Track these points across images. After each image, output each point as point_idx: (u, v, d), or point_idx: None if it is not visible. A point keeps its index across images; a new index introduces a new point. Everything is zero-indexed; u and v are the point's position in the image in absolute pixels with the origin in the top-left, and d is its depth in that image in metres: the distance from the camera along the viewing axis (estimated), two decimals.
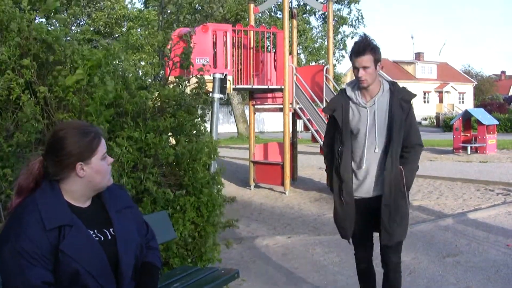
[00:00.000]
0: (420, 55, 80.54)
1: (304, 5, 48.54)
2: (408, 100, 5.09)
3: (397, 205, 5.03)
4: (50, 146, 2.98)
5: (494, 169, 19.19)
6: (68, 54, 5.43)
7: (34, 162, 3.01)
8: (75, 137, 2.96)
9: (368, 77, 4.94)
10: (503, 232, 9.60)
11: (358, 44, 4.98)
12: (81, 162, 2.95)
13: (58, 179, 2.98)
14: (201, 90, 6.42)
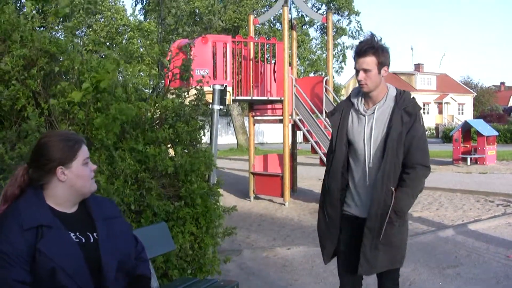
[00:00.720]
0: (419, 66, 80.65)
1: (303, 17, 48.66)
2: (411, 113, 4.48)
3: (382, 230, 4.42)
4: (33, 152, 3.10)
5: (494, 180, 19.19)
6: (76, 67, 5.44)
7: (18, 170, 3.10)
8: (57, 143, 3.06)
9: (369, 82, 4.46)
10: (504, 243, 9.58)
11: (361, 44, 4.54)
12: (61, 166, 3.03)
13: (41, 185, 3.06)
14: (201, 102, 6.42)
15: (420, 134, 4.56)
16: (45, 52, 5.48)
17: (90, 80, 5.26)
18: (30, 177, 3.08)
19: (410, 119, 4.47)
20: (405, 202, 4.48)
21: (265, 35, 43.11)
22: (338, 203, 4.67)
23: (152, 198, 5.40)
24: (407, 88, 27.71)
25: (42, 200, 3.04)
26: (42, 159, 3.02)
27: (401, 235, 4.60)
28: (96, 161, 5.19)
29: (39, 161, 3.03)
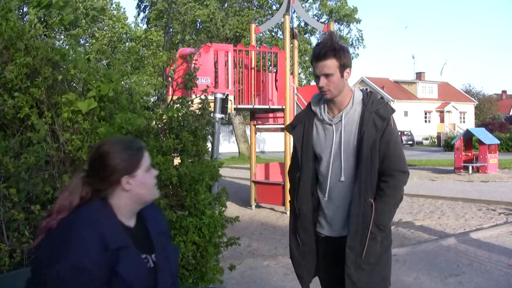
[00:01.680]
0: (421, 75, 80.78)
1: (305, 25, 48.77)
2: (384, 116, 4.00)
3: (365, 247, 3.97)
4: (94, 162, 2.92)
5: (496, 189, 19.18)
6: (83, 77, 5.46)
7: (76, 180, 2.94)
8: (119, 151, 2.92)
9: (332, 87, 3.99)
10: (506, 251, 9.57)
11: (318, 46, 4.04)
12: (126, 176, 2.90)
13: (105, 195, 2.92)
14: (205, 111, 6.44)
15: (395, 138, 4.08)
16: (48, 60, 5.50)
17: (95, 89, 5.27)
18: (92, 188, 2.92)
19: (383, 123, 3.99)
20: (386, 214, 4.04)
21: (266, 44, 43.20)
22: (312, 227, 4.19)
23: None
24: (408, 97, 28.01)
25: (113, 214, 2.91)
26: (106, 169, 2.87)
27: (386, 252, 4.15)
28: None
29: (103, 172, 2.87)
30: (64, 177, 5.06)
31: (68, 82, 5.57)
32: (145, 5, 56.50)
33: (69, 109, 5.17)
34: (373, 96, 4.14)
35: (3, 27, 5.37)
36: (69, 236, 2.72)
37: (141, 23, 54.78)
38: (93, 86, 5.31)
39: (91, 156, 2.97)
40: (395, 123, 4.12)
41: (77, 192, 2.90)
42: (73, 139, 5.20)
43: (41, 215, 4.83)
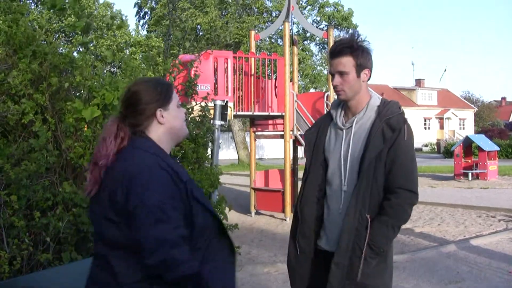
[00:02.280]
0: (420, 82, 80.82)
1: (304, 32, 48.83)
2: (394, 127, 3.68)
3: (355, 268, 3.63)
4: (128, 100, 2.99)
5: (496, 195, 19.18)
6: (88, 84, 5.47)
7: (111, 124, 2.95)
8: (151, 86, 3.01)
9: (346, 87, 3.75)
10: (505, 258, 9.57)
11: (336, 43, 3.87)
12: (160, 108, 2.98)
13: (142, 130, 2.97)
14: (205, 118, 6.44)
15: (405, 152, 3.71)
16: (55, 67, 5.51)
17: (100, 97, 5.28)
18: (130, 127, 2.95)
19: (393, 134, 3.67)
20: (382, 235, 3.65)
21: (266, 51, 43.27)
22: (312, 235, 3.91)
23: None
24: (408, 103, 27.96)
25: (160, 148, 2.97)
26: (141, 103, 2.94)
27: (380, 278, 3.75)
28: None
29: (137, 108, 2.95)
30: (65, 184, 5.07)
31: (74, 88, 5.59)
32: (145, 12, 56.65)
33: (72, 116, 5.18)
34: (391, 105, 3.83)
35: (13, 31, 5.39)
36: (147, 172, 2.75)
37: (141, 29, 54.85)
38: (98, 94, 5.32)
39: (125, 96, 3.01)
40: (410, 136, 3.74)
41: (113, 137, 2.90)
42: (75, 146, 5.20)
43: (41, 222, 4.84)
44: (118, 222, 2.73)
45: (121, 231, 2.73)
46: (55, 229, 4.91)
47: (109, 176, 2.81)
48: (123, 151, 2.87)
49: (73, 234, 4.99)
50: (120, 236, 2.74)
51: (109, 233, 2.78)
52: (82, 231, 4.98)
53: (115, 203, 2.73)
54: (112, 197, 2.74)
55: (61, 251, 5.01)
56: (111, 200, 2.74)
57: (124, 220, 2.71)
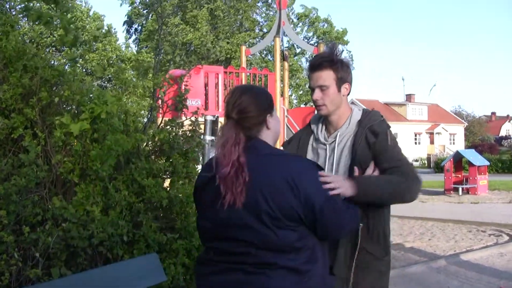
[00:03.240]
0: (411, 97, 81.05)
1: (295, 47, 49.05)
2: (377, 131, 3.61)
3: (351, 276, 3.55)
4: (242, 108, 3.00)
5: (486, 210, 19.20)
6: (77, 98, 5.46)
7: (230, 132, 2.97)
8: (261, 93, 3.15)
9: (327, 101, 3.64)
10: (496, 273, 9.58)
11: (315, 57, 3.80)
12: (269, 114, 3.09)
13: (255, 135, 3.03)
14: (195, 133, 6.44)
15: (396, 153, 3.62)
16: (46, 81, 5.51)
17: (89, 111, 5.27)
18: (244, 131, 2.99)
19: (376, 139, 3.59)
20: (370, 186, 3.43)
21: (257, 65, 43.45)
22: None
23: (148, 229, 5.39)
24: (398, 119, 28.13)
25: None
26: (257, 108, 3.02)
27: (380, 280, 3.75)
28: (91, 193, 5.19)
29: (255, 111, 3.01)
30: (54, 199, 5.05)
31: (63, 103, 5.58)
32: (135, 28, 56.83)
33: (61, 130, 5.17)
34: (372, 114, 3.76)
35: (3, 43, 5.38)
36: (311, 174, 2.94)
37: (132, 44, 54.95)
38: (86, 108, 5.31)
39: (238, 102, 3.02)
40: (393, 140, 3.67)
41: (241, 142, 2.94)
42: (65, 161, 5.19)
43: (30, 237, 4.81)
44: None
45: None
46: (45, 245, 4.88)
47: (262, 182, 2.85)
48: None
49: (63, 250, 4.96)
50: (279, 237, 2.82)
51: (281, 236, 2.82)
52: (71, 246, 4.96)
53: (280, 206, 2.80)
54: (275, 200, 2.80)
55: (51, 267, 4.98)
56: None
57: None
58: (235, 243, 2.86)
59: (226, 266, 2.88)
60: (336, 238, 3.08)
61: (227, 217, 2.86)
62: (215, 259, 2.94)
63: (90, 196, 5.17)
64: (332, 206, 2.89)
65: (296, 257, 2.82)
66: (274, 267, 2.79)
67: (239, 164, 2.85)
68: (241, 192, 2.81)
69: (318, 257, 2.91)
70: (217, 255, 2.94)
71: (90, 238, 4.95)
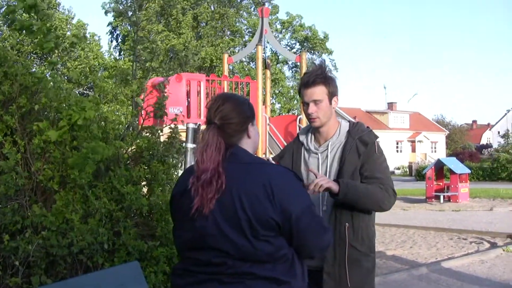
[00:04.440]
0: (392, 105, 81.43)
1: (277, 55, 49.10)
2: (367, 142, 3.99)
3: (342, 276, 3.89)
4: (229, 111, 3.01)
5: (467, 218, 19.29)
6: (54, 105, 5.43)
7: (210, 134, 2.96)
8: (244, 101, 3.16)
9: (321, 114, 3.99)
10: (477, 281, 9.62)
11: (308, 74, 4.05)
12: (250, 123, 3.10)
13: (235, 143, 3.02)
14: (175, 140, 6.42)
15: (380, 164, 4.01)
16: (26, 88, 5.48)
17: (67, 118, 5.24)
18: (225, 139, 2.97)
19: (366, 149, 3.96)
20: (350, 189, 3.79)
21: (239, 73, 43.50)
22: None
23: (128, 237, 5.36)
24: (380, 127, 28.31)
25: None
26: (240, 116, 3.02)
27: (368, 276, 4.06)
28: (71, 200, 5.16)
29: (238, 119, 3.01)
30: (34, 207, 5.02)
31: (42, 110, 5.55)
32: (117, 34, 56.72)
33: (40, 137, 5.14)
34: (359, 125, 4.15)
35: None
36: (290, 183, 2.94)
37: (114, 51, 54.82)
38: (63, 115, 5.29)
39: (221, 108, 3.02)
40: (380, 150, 4.06)
41: (220, 147, 2.93)
42: (45, 168, 5.16)
43: (10, 245, 4.78)
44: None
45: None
46: (25, 253, 4.85)
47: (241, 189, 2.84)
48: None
49: (43, 258, 4.93)
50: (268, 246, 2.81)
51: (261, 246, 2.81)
52: (51, 254, 4.93)
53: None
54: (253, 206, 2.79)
55: (31, 275, 4.95)
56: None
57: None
58: (212, 253, 2.83)
59: (203, 277, 2.87)
60: (312, 253, 3.02)
61: (204, 226, 2.84)
62: (192, 270, 2.92)
63: (70, 204, 5.14)
64: (309, 216, 2.88)
65: (274, 267, 2.80)
66: (253, 277, 2.78)
67: (216, 170, 2.84)
68: (211, 199, 2.80)
69: (297, 269, 2.89)
70: (194, 265, 2.92)
71: (69, 246, 4.92)
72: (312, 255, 3.04)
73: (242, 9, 55.33)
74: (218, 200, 2.81)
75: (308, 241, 2.90)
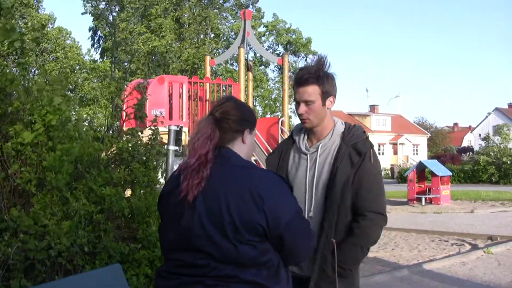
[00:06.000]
0: (374, 108, 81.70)
1: (260, 57, 49.05)
2: (361, 151, 3.72)
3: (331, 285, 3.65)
4: (226, 109, 3.00)
5: (448, 220, 19.38)
6: (27, 107, 5.38)
7: (207, 126, 2.95)
8: (245, 106, 3.14)
9: (312, 115, 3.75)
10: (458, 282, 9.65)
11: (301, 71, 3.80)
12: (248, 128, 3.06)
13: (227, 143, 3.00)
14: (155, 142, 6.39)
15: (372, 175, 3.76)
16: (0, 89, 5.43)
17: (41, 119, 5.19)
18: (220, 135, 2.95)
19: (359, 158, 3.71)
20: (351, 256, 3.68)
21: (222, 76, 43.47)
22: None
23: (109, 240, 5.32)
24: None
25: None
26: (240, 117, 3.01)
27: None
28: (48, 203, 5.11)
29: (237, 117, 2.99)
30: (12, 210, 4.97)
31: (17, 113, 5.50)
32: (100, 36, 56.47)
33: (16, 140, 5.10)
34: (355, 130, 3.88)
35: None
36: (279, 188, 2.89)
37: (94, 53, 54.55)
38: (38, 117, 5.24)
39: (224, 104, 3.02)
40: (376, 159, 3.82)
41: (213, 139, 2.92)
42: (22, 171, 5.11)
43: None
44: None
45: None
46: (4, 256, 4.80)
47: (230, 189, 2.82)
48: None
49: (22, 261, 4.89)
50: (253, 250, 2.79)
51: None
52: (30, 257, 4.88)
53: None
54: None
55: (10, 279, 4.90)
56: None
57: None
58: (197, 255, 2.80)
59: (187, 279, 2.83)
60: (299, 258, 2.97)
61: (189, 226, 2.81)
62: (176, 272, 2.88)
63: (48, 207, 5.10)
64: (298, 221, 2.87)
65: (259, 272, 2.78)
66: (236, 281, 2.75)
67: (205, 158, 2.83)
68: (197, 186, 2.79)
69: (282, 276, 2.87)
70: (178, 267, 2.88)
71: (48, 249, 4.87)
72: (299, 260, 3.00)
73: (225, 11, 55.31)
74: (206, 201, 2.79)
75: (298, 246, 2.89)
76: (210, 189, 2.80)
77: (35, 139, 5.14)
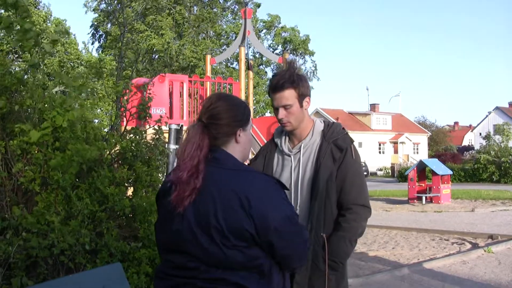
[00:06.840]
0: (375, 106, 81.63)
1: (260, 57, 49.01)
2: (342, 147, 3.86)
3: (313, 287, 3.76)
4: (218, 111, 2.96)
5: (449, 219, 19.37)
6: (39, 106, 5.38)
7: (195, 131, 2.91)
8: (239, 104, 3.07)
9: (292, 119, 3.87)
10: (459, 281, 9.65)
11: (276, 77, 3.89)
12: (241, 128, 3.01)
13: (219, 145, 2.96)
14: (158, 141, 6.40)
15: (354, 169, 3.89)
16: (5, 88, 5.43)
17: (51, 120, 5.20)
18: (209, 139, 2.92)
19: (341, 154, 3.84)
20: (341, 249, 3.79)
21: (222, 75, 43.44)
22: None
23: (110, 238, 5.33)
24: (363, 128, 28.17)
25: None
26: (229, 118, 2.95)
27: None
28: (52, 202, 5.12)
29: (226, 120, 2.94)
30: (14, 208, 4.98)
31: (24, 111, 5.50)
32: (100, 34, 56.45)
33: (22, 138, 5.10)
34: (334, 127, 4.01)
35: None
36: (269, 192, 2.84)
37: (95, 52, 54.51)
38: (48, 117, 5.24)
39: (212, 106, 2.97)
40: (356, 154, 3.94)
41: (203, 146, 2.88)
42: (26, 170, 5.12)
43: None
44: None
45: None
46: (5, 254, 4.81)
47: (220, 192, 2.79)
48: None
49: (23, 259, 4.89)
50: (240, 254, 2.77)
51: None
52: (32, 256, 4.89)
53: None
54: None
55: (11, 277, 4.91)
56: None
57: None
58: (188, 257, 2.81)
59: (179, 280, 2.84)
60: (293, 264, 2.93)
61: (179, 229, 2.81)
62: (169, 273, 2.90)
63: (52, 206, 5.10)
64: (290, 227, 2.83)
65: (248, 276, 2.77)
66: (225, 283, 2.75)
67: (196, 170, 2.80)
68: (187, 197, 2.77)
69: (274, 281, 2.85)
70: (171, 268, 2.89)
71: (50, 247, 4.88)
72: (294, 265, 2.96)
73: (226, 10, 55.26)
74: (195, 204, 2.78)
75: (290, 251, 2.86)
76: (199, 193, 2.78)
77: (41, 138, 5.14)
